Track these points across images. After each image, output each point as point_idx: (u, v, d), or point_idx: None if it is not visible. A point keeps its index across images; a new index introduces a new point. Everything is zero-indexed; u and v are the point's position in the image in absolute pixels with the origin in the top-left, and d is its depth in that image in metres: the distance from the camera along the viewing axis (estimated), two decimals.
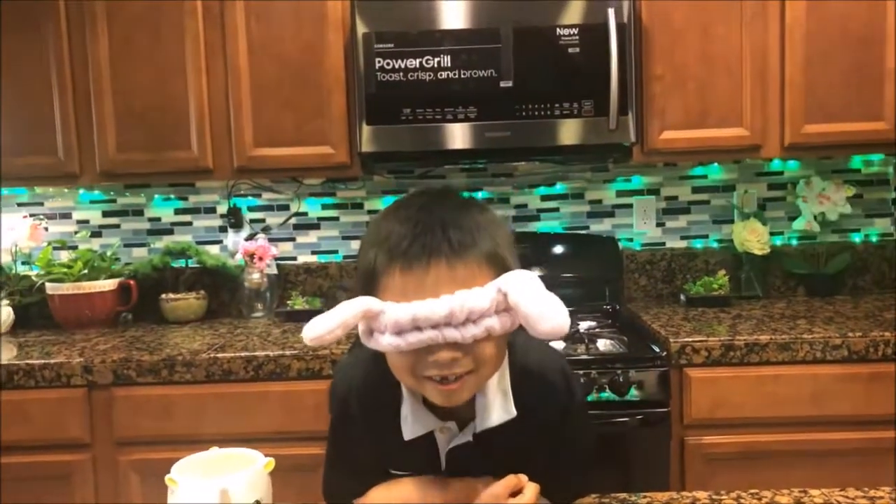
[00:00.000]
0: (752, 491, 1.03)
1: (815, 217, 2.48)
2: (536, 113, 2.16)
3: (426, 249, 0.89)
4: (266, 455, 0.97)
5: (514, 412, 0.99)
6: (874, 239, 2.59)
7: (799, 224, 2.51)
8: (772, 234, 2.50)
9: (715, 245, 2.61)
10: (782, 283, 2.58)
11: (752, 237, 2.45)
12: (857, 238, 2.59)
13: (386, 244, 0.92)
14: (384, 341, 0.89)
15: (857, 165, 2.58)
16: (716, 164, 2.58)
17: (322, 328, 0.87)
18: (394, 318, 0.87)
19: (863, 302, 2.38)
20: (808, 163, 2.57)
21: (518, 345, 1.02)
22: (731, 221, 2.59)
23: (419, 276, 0.89)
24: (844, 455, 1.94)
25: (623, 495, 1.08)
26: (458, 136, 2.17)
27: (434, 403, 0.98)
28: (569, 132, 2.17)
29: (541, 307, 0.84)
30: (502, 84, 2.15)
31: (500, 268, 0.92)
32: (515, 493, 0.93)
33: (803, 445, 1.94)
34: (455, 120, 2.17)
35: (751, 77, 2.21)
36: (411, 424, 0.99)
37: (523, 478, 0.94)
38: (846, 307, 2.31)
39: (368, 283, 0.93)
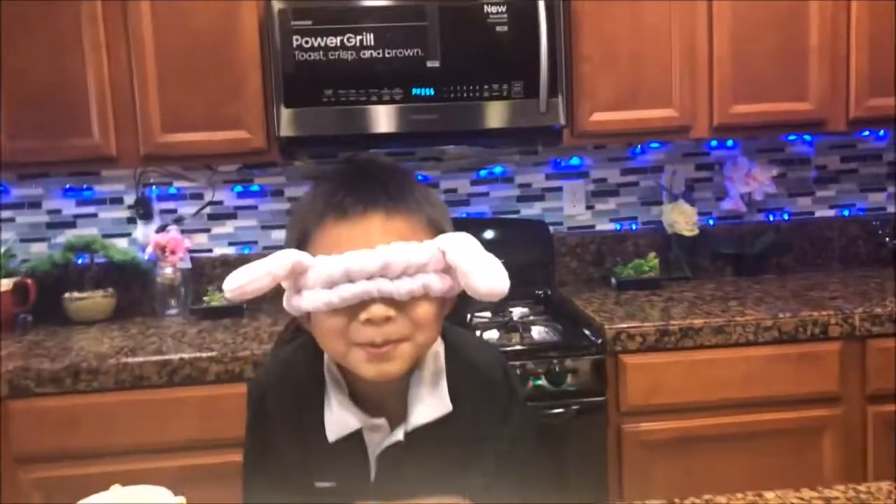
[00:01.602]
0: (707, 497, 0.97)
1: (741, 197, 2.49)
2: (465, 95, 2.07)
3: (362, 198, 0.85)
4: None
5: (449, 406, 0.92)
6: (796, 217, 2.63)
7: (726, 204, 2.52)
8: (699, 214, 2.49)
9: (643, 227, 2.60)
10: (710, 264, 2.58)
11: (681, 218, 2.44)
12: (781, 217, 2.62)
13: (318, 201, 0.87)
14: (314, 298, 0.82)
15: (781, 144, 2.60)
16: (643, 145, 2.55)
17: (245, 277, 0.80)
18: (325, 268, 0.81)
19: (788, 281, 2.41)
20: (733, 143, 2.58)
21: (455, 341, 0.96)
22: (659, 203, 2.57)
23: (354, 225, 0.84)
24: (777, 436, 1.95)
25: None
26: (384, 118, 2.06)
27: (362, 398, 0.91)
28: (498, 115, 2.09)
29: (480, 265, 0.81)
30: (429, 64, 2.05)
31: (439, 234, 0.87)
32: None
33: (738, 428, 1.94)
34: (380, 102, 2.05)
35: (679, 57, 2.18)
36: (337, 422, 0.91)
37: (466, 499, 0.86)
38: (773, 286, 2.33)
39: (299, 247, 0.87)
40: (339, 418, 0.91)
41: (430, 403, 0.91)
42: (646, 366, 1.92)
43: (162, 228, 2.42)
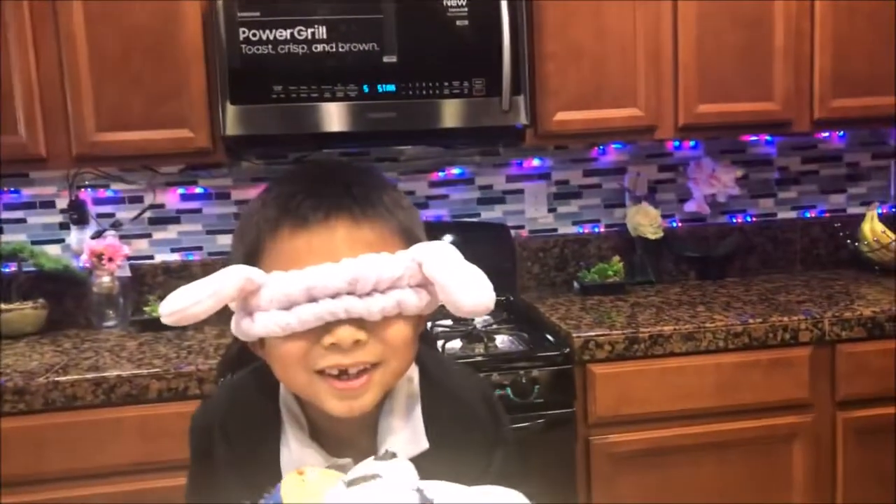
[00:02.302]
0: None
1: (705, 198, 2.44)
2: (424, 92, 1.97)
3: (324, 203, 0.73)
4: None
5: (425, 443, 0.81)
6: (759, 219, 2.59)
7: (690, 206, 2.47)
8: (662, 216, 2.44)
9: (606, 230, 2.53)
10: (674, 267, 2.53)
11: (645, 221, 2.38)
12: (745, 219, 2.58)
13: (271, 208, 0.75)
14: (268, 322, 0.70)
15: (742, 146, 2.57)
16: (607, 146, 2.48)
17: (185, 300, 0.68)
18: (282, 287, 0.69)
19: (753, 284, 2.37)
20: (696, 144, 2.53)
21: (431, 368, 0.84)
22: (622, 205, 2.51)
23: (315, 235, 0.72)
24: (748, 444, 1.90)
25: None
26: (338, 117, 1.94)
27: (324, 433, 0.80)
28: (459, 113, 1.99)
29: (462, 278, 0.71)
30: (385, 59, 1.94)
31: (412, 243, 0.76)
32: None
33: (708, 437, 1.89)
34: (333, 99, 1.93)
35: (644, 56, 2.11)
36: (294, 462, 0.79)
37: None
38: (739, 290, 2.28)
39: (248, 261, 0.74)
40: (298, 458, 0.79)
41: (403, 438, 0.80)
42: (614, 375, 1.85)
43: (98, 234, 2.25)
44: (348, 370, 0.73)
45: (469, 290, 0.71)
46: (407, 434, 0.80)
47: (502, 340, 1.97)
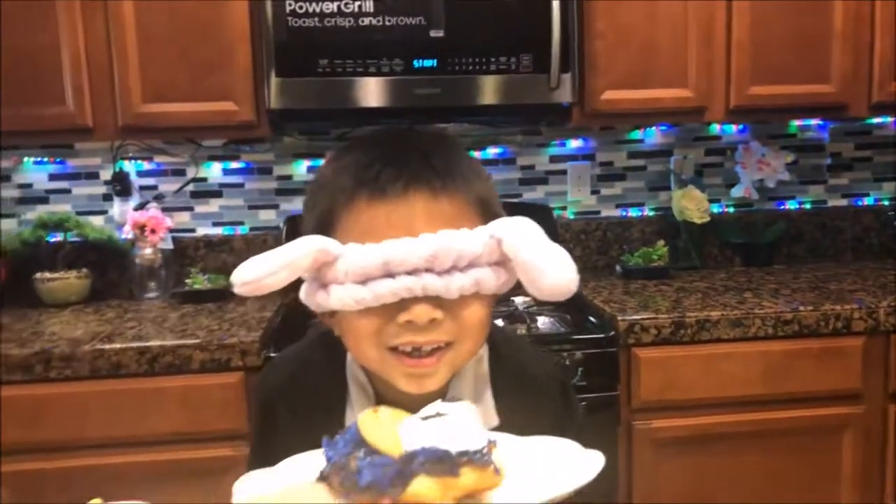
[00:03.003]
0: None
1: (752, 184, 2.38)
2: (470, 68, 1.94)
3: (404, 174, 0.70)
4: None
5: (495, 420, 0.79)
6: (808, 206, 2.53)
7: (737, 191, 2.41)
8: (708, 201, 2.38)
9: (651, 213, 2.48)
10: (719, 253, 2.48)
11: (692, 205, 2.33)
12: (792, 205, 2.52)
13: (346, 176, 0.71)
14: (343, 295, 0.68)
15: (793, 130, 2.50)
16: (654, 127, 2.43)
17: (260, 269, 0.65)
18: (359, 260, 0.66)
19: (801, 271, 2.31)
20: (746, 128, 2.47)
21: (503, 346, 0.82)
22: (668, 188, 2.46)
23: (393, 207, 0.69)
24: (795, 434, 1.85)
25: None
26: (381, 91, 1.92)
27: (391, 405, 0.77)
28: (504, 90, 1.95)
29: (545, 257, 0.67)
30: (432, 34, 1.91)
31: (490, 217, 0.72)
32: None
33: (754, 426, 1.84)
34: (378, 73, 1.91)
35: (696, 36, 2.05)
36: None
37: None
38: (787, 277, 2.22)
39: (321, 231, 0.71)
40: None
41: None
42: (660, 360, 1.81)
43: (141, 206, 2.26)
44: (421, 348, 0.71)
45: (553, 270, 0.67)
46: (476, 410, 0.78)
47: (544, 322, 1.94)
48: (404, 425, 0.60)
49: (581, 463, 0.63)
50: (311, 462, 0.65)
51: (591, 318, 1.91)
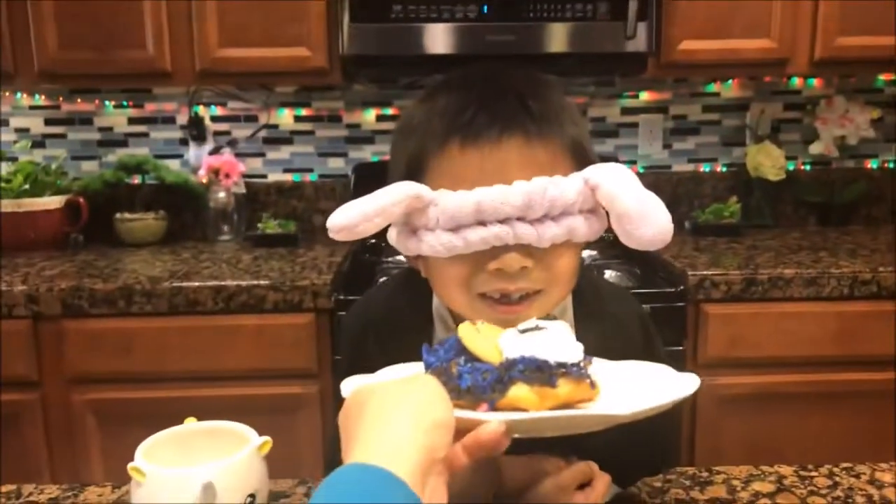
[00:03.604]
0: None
1: (833, 140, 2.29)
2: (544, 14, 1.90)
3: (498, 119, 0.68)
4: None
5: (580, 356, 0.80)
6: (892, 165, 2.42)
7: (816, 148, 2.32)
8: (785, 157, 2.31)
9: (723, 169, 2.42)
10: (793, 212, 2.41)
11: (767, 161, 2.26)
12: (873, 164, 2.42)
13: (438, 119, 0.70)
14: (434, 242, 0.68)
15: (880, 85, 2.39)
16: (730, 80, 2.35)
17: (355, 217, 0.65)
18: (451, 207, 0.66)
19: (881, 233, 2.23)
20: (828, 82, 2.37)
21: (586, 287, 0.82)
22: (742, 144, 2.39)
23: (486, 154, 0.68)
24: (865, 397, 1.82)
25: (692, 470, 0.90)
26: (454, 38, 1.91)
27: None
28: (580, 37, 1.92)
29: (642, 205, 0.65)
30: None
31: (583, 162, 0.71)
32: (583, 484, 0.73)
33: (822, 387, 1.81)
34: (452, 20, 1.90)
35: None
36: None
37: (594, 467, 0.74)
38: (865, 238, 2.15)
39: (411, 175, 0.71)
40: None
41: None
42: (729, 316, 1.79)
43: (215, 151, 2.32)
44: (511, 295, 0.71)
45: (649, 220, 0.65)
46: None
47: (612, 276, 1.93)
48: (504, 336, 0.61)
49: (675, 381, 0.63)
50: (409, 370, 0.67)
51: (660, 273, 1.89)
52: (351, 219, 0.66)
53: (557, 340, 0.60)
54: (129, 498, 0.67)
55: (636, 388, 0.63)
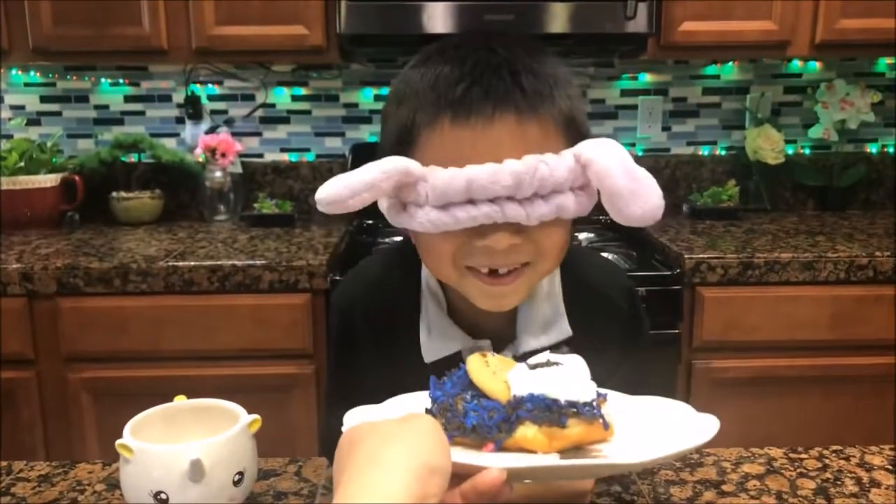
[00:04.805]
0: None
1: (833, 124, 2.28)
2: None
3: (492, 95, 0.67)
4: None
5: (568, 331, 0.80)
6: (891, 150, 2.41)
7: (815, 132, 2.31)
8: (784, 141, 2.29)
9: (723, 152, 2.41)
10: (791, 196, 2.40)
11: (767, 145, 2.25)
12: (873, 149, 2.41)
13: (430, 90, 0.69)
14: (424, 217, 0.68)
15: (882, 69, 2.37)
16: (731, 62, 2.34)
17: (344, 191, 0.64)
18: (441, 185, 0.66)
19: (879, 217, 2.22)
20: (828, 65, 2.35)
21: (574, 260, 0.81)
22: (742, 127, 2.38)
23: (478, 130, 0.67)
24: (860, 381, 1.82)
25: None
26: (452, 17, 1.89)
27: (463, 316, 0.79)
28: (579, 18, 1.90)
29: (632, 182, 0.64)
30: None
31: (575, 135, 0.71)
32: None
33: (818, 371, 1.82)
34: None
35: None
36: (434, 342, 0.79)
37: None
38: (863, 223, 2.15)
39: (401, 146, 0.71)
40: (438, 339, 0.79)
41: (543, 327, 0.79)
42: (725, 299, 1.79)
43: (212, 129, 2.30)
44: (499, 269, 0.71)
45: (640, 198, 0.64)
46: (547, 323, 0.79)
47: (609, 258, 1.92)
48: (513, 372, 0.59)
49: (694, 425, 0.60)
50: (416, 401, 0.65)
51: (657, 256, 1.88)
52: (340, 194, 0.65)
53: (570, 377, 0.57)
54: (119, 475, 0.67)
55: (652, 428, 0.60)
